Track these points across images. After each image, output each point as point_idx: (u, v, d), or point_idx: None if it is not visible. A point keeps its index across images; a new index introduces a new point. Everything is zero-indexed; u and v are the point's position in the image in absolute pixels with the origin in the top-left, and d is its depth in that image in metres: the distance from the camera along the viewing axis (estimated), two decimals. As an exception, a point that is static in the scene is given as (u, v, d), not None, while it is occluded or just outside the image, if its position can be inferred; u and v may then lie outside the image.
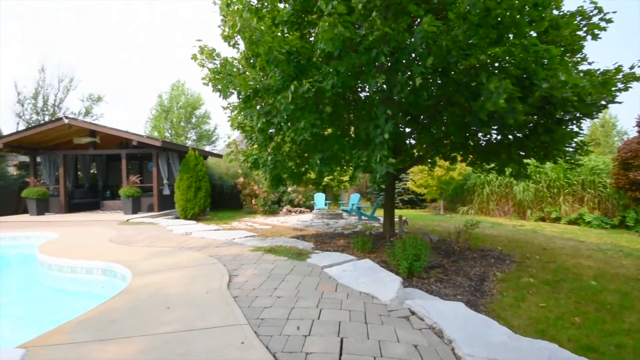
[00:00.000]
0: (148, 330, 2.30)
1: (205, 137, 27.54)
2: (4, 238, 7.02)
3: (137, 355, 1.97)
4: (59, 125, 10.25)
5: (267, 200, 13.11)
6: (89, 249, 5.18)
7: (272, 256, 4.56)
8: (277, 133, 6.29)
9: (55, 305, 4.14)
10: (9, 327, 3.54)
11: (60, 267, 4.48)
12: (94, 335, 2.24)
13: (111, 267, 4.12)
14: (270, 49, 4.31)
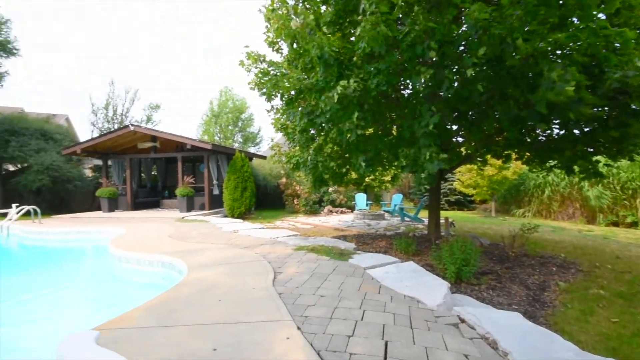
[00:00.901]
0: (203, 320, 2.48)
1: (250, 139, 28.83)
2: (82, 232, 8.05)
3: (195, 342, 2.13)
4: (126, 132, 11.50)
5: (308, 200, 13.33)
6: (151, 243, 5.72)
7: (314, 255, 4.63)
8: (318, 134, 6.37)
9: (123, 292, 4.64)
10: (86, 310, 4.06)
11: (128, 259, 5.02)
12: (157, 321, 2.48)
13: (170, 261, 4.51)
14: (321, 47, 4.36)
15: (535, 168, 6.29)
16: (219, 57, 52.94)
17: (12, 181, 12.56)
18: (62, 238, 7.92)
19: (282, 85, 5.42)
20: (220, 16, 50.47)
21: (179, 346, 2.09)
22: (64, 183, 12.89)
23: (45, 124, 13.75)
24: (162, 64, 46.56)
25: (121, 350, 1.99)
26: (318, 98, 5.02)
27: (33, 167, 12.14)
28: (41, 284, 5.14)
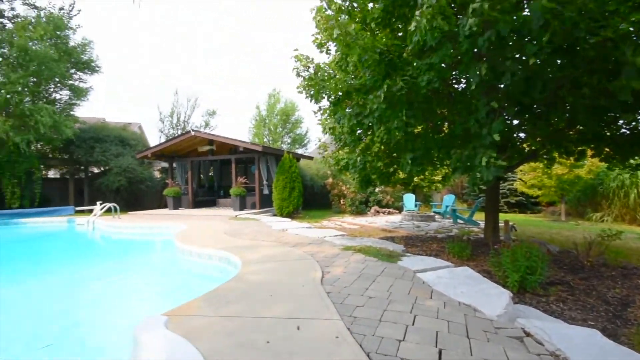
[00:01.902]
0: (256, 313, 2.62)
1: (298, 141, 29.57)
2: (152, 227, 9.01)
3: (249, 333, 2.27)
4: (188, 137, 12.62)
5: (354, 201, 13.26)
6: (209, 239, 6.19)
7: (361, 256, 4.60)
8: (365, 133, 6.31)
9: (185, 282, 5.09)
10: (154, 295, 4.54)
11: (190, 252, 5.50)
12: (215, 311, 2.68)
13: (225, 256, 4.83)
14: (364, 50, 4.35)
15: (616, 166, 5.49)
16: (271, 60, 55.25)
17: (97, 182, 14.57)
18: (136, 232, 8.96)
19: (330, 86, 5.47)
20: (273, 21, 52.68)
21: (235, 335, 2.23)
22: (138, 183, 14.61)
23: (122, 132, 15.68)
24: (216, 70, 50.07)
25: (186, 336, 2.19)
26: (365, 98, 4.98)
27: (113, 170, 13.96)
28: (119, 270, 5.89)
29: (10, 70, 11.38)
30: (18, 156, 11.53)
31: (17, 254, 7.53)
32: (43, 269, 6.05)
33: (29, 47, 11.24)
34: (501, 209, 13.21)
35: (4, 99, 11.16)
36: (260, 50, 51.69)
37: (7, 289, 4.73)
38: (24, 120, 11.29)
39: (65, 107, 13.67)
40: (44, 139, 12.19)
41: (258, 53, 52.16)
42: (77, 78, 14.13)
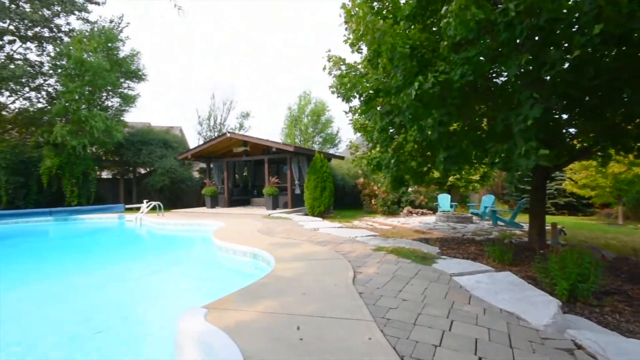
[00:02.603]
0: (289, 310, 2.68)
1: (329, 141, 29.64)
2: (192, 224, 9.53)
3: (283, 329, 2.32)
4: (223, 138, 13.19)
5: (386, 201, 13.03)
6: (244, 236, 6.41)
7: (394, 257, 4.51)
8: (397, 132, 6.18)
9: (222, 276, 5.33)
10: (194, 289, 4.79)
11: (226, 249, 5.74)
12: (251, 306, 2.77)
13: (260, 253, 4.99)
14: (393, 47, 4.27)
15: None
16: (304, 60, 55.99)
17: (143, 181, 15.71)
18: (177, 228, 9.54)
19: (361, 85, 5.43)
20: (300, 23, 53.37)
21: (270, 330, 2.30)
22: (179, 183, 15.56)
23: (165, 135, 16.77)
24: (250, 71, 51.77)
25: (224, 328, 2.29)
26: (397, 96, 4.87)
27: (157, 170, 14.97)
28: (163, 263, 6.31)
29: (68, 80, 12.62)
30: (76, 158, 12.75)
31: (76, 247, 8.36)
32: (98, 261, 6.65)
33: (84, 59, 12.39)
34: (548, 210, 12.26)
35: (63, 106, 12.42)
36: (292, 50, 52.56)
37: (68, 279, 5.27)
38: (81, 126, 12.47)
39: (116, 113, 14.90)
40: (98, 143, 13.37)
41: (289, 54, 53.08)
42: (126, 86, 15.34)
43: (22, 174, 12.49)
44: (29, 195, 12.66)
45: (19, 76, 12.59)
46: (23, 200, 12.47)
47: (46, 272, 5.69)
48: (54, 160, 12.37)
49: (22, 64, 13.44)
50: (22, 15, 13.04)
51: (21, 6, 13.31)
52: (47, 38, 14.35)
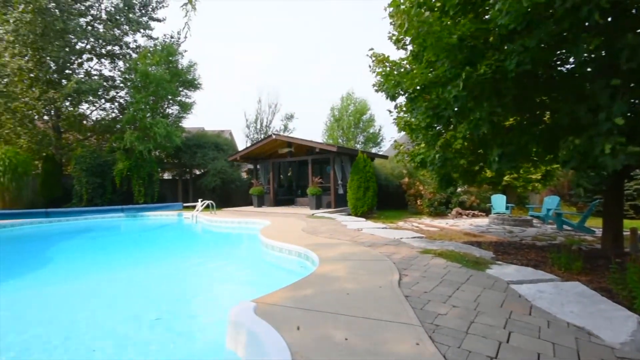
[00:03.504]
0: (333, 309, 2.70)
1: (371, 140, 29.22)
2: (241, 222, 10.06)
3: (328, 328, 2.35)
4: (269, 140, 13.72)
5: (433, 201, 12.45)
6: (289, 235, 6.61)
7: (442, 260, 4.30)
8: (445, 128, 5.87)
9: (268, 273, 5.55)
10: (243, 284, 5.06)
11: (272, 246, 5.97)
12: (296, 303, 2.85)
13: (304, 252, 5.10)
14: (440, 39, 4.08)
15: None
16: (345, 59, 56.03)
17: (198, 182, 16.98)
18: (228, 226, 10.15)
19: (406, 81, 5.27)
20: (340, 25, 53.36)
21: (315, 328, 2.34)
22: (229, 183, 16.55)
23: (217, 138, 17.95)
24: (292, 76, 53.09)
25: (271, 322, 2.39)
26: (444, 90, 4.64)
27: (210, 172, 16.09)
28: (215, 258, 6.76)
29: (136, 92, 14.14)
30: (142, 161, 14.23)
31: (143, 240, 9.34)
32: (160, 253, 7.36)
33: (149, 72, 13.78)
34: (626, 214, 10.69)
35: (132, 115, 13.94)
36: (333, 49, 52.80)
37: (135, 268, 5.91)
38: (146, 132, 13.89)
39: (175, 119, 16.34)
40: (160, 147, 14.76)
41: (331, 53, 53.35)
42: (183, 95, 16.74)
43: (99, 175, 14.28)
44: (105, 194, 14.44)
45: (95, 90, 14.44)
46: (100, 198, 14.24)
47: (118, 261, 6.45)
48: (125, 163, 13.95)
49: (98, 79, 15.39)
50: (98, 36, 14.93)
51: (96, 27, 15.26)
52: (118, 55, 16.26)
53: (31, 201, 13.42)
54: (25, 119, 13.90)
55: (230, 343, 2.50)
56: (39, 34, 12.69)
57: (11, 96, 13.04)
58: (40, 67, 13.66)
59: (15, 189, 12.34)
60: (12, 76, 12.89)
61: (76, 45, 14.65)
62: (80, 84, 13.54)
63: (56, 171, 14.47)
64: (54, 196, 14.04)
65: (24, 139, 14.27)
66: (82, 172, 13.82)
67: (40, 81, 13.69)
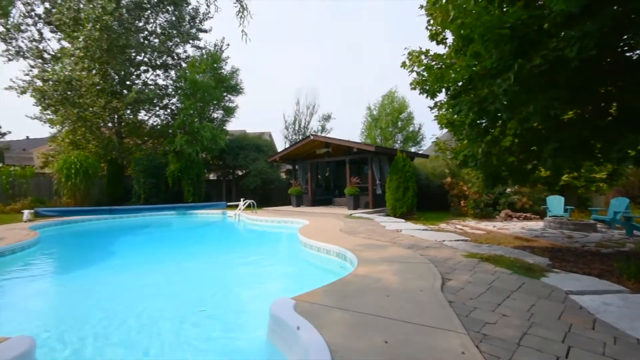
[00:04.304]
0: (372, 311, 2.68)
1: (411, 139, 28.28)
2: (280, 221, 10.35)
3: (367, 329, 2.34)
4: (307, 141, 13.95)
5: (478, 202, 11.72)
6: (327, 235, 6.65)
7: (490, 266, 4.05)
8: (492, 124, 5.50)
9: (306, 272, 5.64)
10: (282, 281, 5.20)
11: (311, 245, 6.06)
12: (335, 302, 2.87)
13: (343, 252, 5.11)
14: (488, 30, 3.84)
15: None
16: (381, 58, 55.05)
17: (240, 182, 17.79)
18: (268, 225, 10.51)
19: (448, 77, 5.03)
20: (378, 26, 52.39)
21: (354, 328, 2.35)
22: (269, 183, 17.12)
23: (257, 140, 18.67)
24: (329, 76, 53.30)
25: (310, 320, 2.44)
26: (492, 84, 4.35)
27: (251, 172, 16.78)
28: (256, 255, 7.04)
29: (185, 99, 15.23)
30: (191, 163, 15.27)
31: (192, 236, 10.03)
32: (206, 249, 7.84)
33: (196, 80, 14.75)
34: None
35: (182, 121, 15.02)
36: (371, 48, 52.06)
37: (184, 261, 6.36)
38: (194, 136, 14.88)
39: (220, 123, 17.32)
40: (206, 149, 15.71)
41: (370, 52, 52.66)
42: (227, 99, 17.66)
43: (155, 176, 15.60)
44: (159, 193, 15.73)
45: (152, 98, 15.82)
46: (155, 197, 15.55)
47: (170, 255, 6.99)
48: (176, 165, 15.08)
49: (153, 88, 16.84)
50: (153, 49, 16.34)
51: (152, 41, 16.70)
52: (170, 65, 17.63)
53: (98, 200, 15.07)
54: (93, 127, 15.65)
55: (271, 336, 2.59)
56: (105, 49, 14.20)
57: (83, 106, 14.77)
58: (106, 80, 15.29)
59: (85, 188, 13.94)
60: (85, 89, 14.58)
61: (135, 58, 16.19)
62: (139, 94, 14.95)
63: (119, 173, 16.10)
64: (116, 195, 15.63)
65: (92, 144, 16.07)
66: (140, 173, 15.22)
67: (106, 92, 15.32)
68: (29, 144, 29.91)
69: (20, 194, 13.51)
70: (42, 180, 14.63)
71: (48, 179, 14.68)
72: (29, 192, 13.69)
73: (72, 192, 13.61)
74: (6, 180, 13.22)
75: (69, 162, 13.48)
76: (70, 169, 13.34)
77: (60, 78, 13.74)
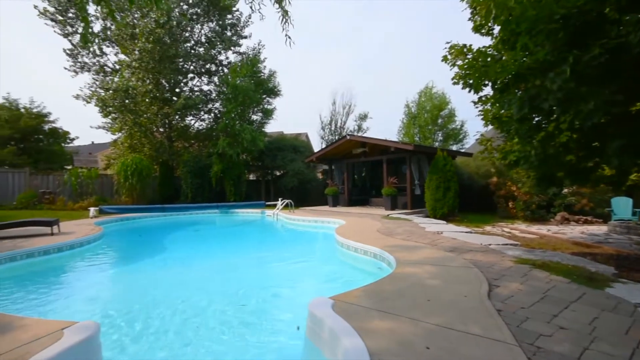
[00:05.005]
0: (412, 314, 2.61)
1: (452, 137, 26.95)
2: (317, 221, 10.46)
3: (407, 334, 2.29)
4: (344, 141, 13.94)
5: (529, 204, 10.84)
6: (364, 235, 6.60)
7: (544, 273, 3.74)
8: (546, 119, 5.06)
9: (343, 272, 5.64)
10: (319, 280, 5.25)
11: (348, 246, 6.05)
12: (373, 304, 2.84)
13: (380, 253, 5.04)
14: (536, 23, 3.56)
15: None
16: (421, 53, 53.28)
17: (278, 182, 18.28)
18: (305, 224, 10.68)
19: (494, 71, 4.73)
20: (418, 16, 50.65)
21: (393, 332, 2.31)
22: (305, 183, 17.41)
23: (294, 141, 19.05)
24: (366, 75, 52.68)
25: (348, 320, 2.44)
26: (546, 77, 4.01)
27: (289, 173, 17.18)
28: (293, 253, 7.19)
29: (227, 103, 16.01)
30: (232, 164, 16.02)
31: (234, 233, 10.52)
32: (247, 247, 8.18)
33: (237, 84, 15.45)
34: None
35: (224, 124, 15.81)
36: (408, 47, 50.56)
37: (227, 258, 6.70)
38: (235, 138, 15.59)
39: (259, 125, 17.95)
40: (246, 151, 16.38)
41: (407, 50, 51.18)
42: (266, 102, 18.25)
43: (200, 177, 16.61)
44: (204, 192, 16.72)
45: (198, 104, 16.86)
46: (201, 196, 16.56)
47: (215, 251, 7.41)
48: (219, 166, 15.93)
49: (199, 94, 17.94)
50: (199, 57, 17.42)
51: (197, 50, 17.81)
52: (214, 72, 18.66)
53: (151, 198, 16.41)
54: (147, 131, 17.08)
55: (309, 333, 2.64)
56: (157, 60, 15.44)
57: (138, 113, 16.20)
58: (158, 88, 16.61)
59: (140, 188, 15.26)
60: (140, 97, 15.99)
61: (183, 67, 17.39)
62: (186, 100, 16.04)
63: (169, 174, 17.39)
64: (167, 194, 16.91)
65: (146, 148, 17.54)
66: (188, 174, 16.32)
67: (158, 99, 16.65)
68: (94, 148, 33.45)
69: (86, 193, 15.16)
70: (105, 181, 16.29)
71: (110, 180, 16.31)
72: (94, 191, 15.32)
73: (129, 191, 14.98)
74: (75, 180, 14.91)
75: (126, 164, 14.86)
76: (127, 171, 14.69)
77: (118, 87, 15.23)
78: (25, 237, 6.69)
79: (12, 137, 18.64)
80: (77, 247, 6.49)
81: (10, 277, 4.84)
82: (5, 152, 17.73)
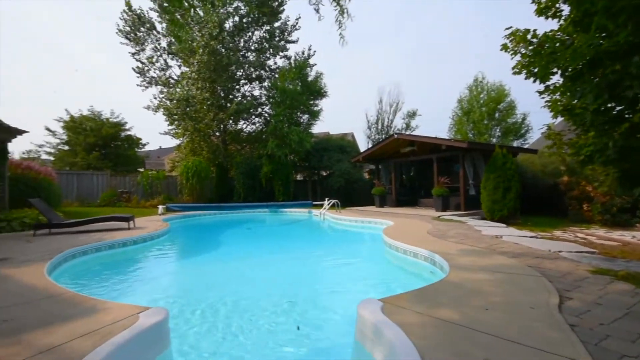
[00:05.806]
0: (468, 323, 2.45)
1: (512, 131, 24.63)
2: (364, 221, 10.36)
3: (465, 343, 2.16)
4: (391, 140, 13.61)
5: (609, 206, 9.44)
6: (413, 237, 6.37)
7: (629, 286, 3.24)
8: (630, 108, 4.37)
9: (391, 274, 5.50)
10: (367, 281, 5.18)
11: (396, 247, 5.89)
12: (425, 309, 2.73)
13: (432, 256, 4.81)
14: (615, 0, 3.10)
15: None
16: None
17: (324, 182, 18.48)
18: (352, 224, 10.65)
19: (564, 57, 4.23)
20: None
21: (447, 340, 2.19)
22: (352, 183, 17.36)
23: (341, 141, 19.12)
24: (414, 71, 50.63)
25: (400, 325, 2.37)
26: (629, 62, 3.48)
27: (335, 173, 17.28)
28: (341, 254, 7.21)
29: (276, 106, 16.65)
30: (281, 165, 16.62)
31: (283, 232, 10.91)
32: (295, 245, 8.42)
33: (286, 88, 15.98)
34: None
35: (273, 126, 16.46)
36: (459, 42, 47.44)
37: (277, 255, 6.96)
38: (283, 140, 16.15)
39: (305, 126, 18.35)
40: (294, 152, 16.87)
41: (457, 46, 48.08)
42: (312, 103, 18.59)
43: (251, 177, 17.54)
44: (255, 192, 17.62)
45: (249, 108, 17.81)
46: (252, 196, 17.48)
47: (266, 248, 7.77)
48: (269, 167, 16.64)
49: (250, 99, 18.93)
50: (249, 64, 18.37)
51: (248, 57, 18.80)
52: (263, 77, 19.54)
53: (209, 198, 17.78)
54: (205, 136, 18.52)
55: (358, 336, 2.63)
56: (212, 69, 16.66)
57: (197, 119, 17.65)
58: (214, 95, 17.92)
59: (199, 188, 16.63)
60: (198, 104, 17.42)
61: (235, 74, 18.52)
62: (239, 105, 17.07)
63: (224, 175, 18.64)
64: (222, 194, 18.15)
65: (205, 151, 19.03)
66: (240, 175, 17.35)
67: (214, 106, 17.96)
68: (162, 152, 37.27)
69: (156, 192, 16.97)
70: (170, 181, 18.05)
71: (174, 180, 18.04)
72: (161, 190, 17.07)
73: (190, 191, 16.43)
74: (146, 181, 16.77)
75: (187, 166, 16.30)
76: (189, 172, 16.10)
77: (181, 97, 16.76)
78: (107, 231, 7.72)
79: (96, 143, 21.56)
80: (148, 241, 7.29)
81: (96, 265, 5.63)
82: (91, 157, 20.61)
